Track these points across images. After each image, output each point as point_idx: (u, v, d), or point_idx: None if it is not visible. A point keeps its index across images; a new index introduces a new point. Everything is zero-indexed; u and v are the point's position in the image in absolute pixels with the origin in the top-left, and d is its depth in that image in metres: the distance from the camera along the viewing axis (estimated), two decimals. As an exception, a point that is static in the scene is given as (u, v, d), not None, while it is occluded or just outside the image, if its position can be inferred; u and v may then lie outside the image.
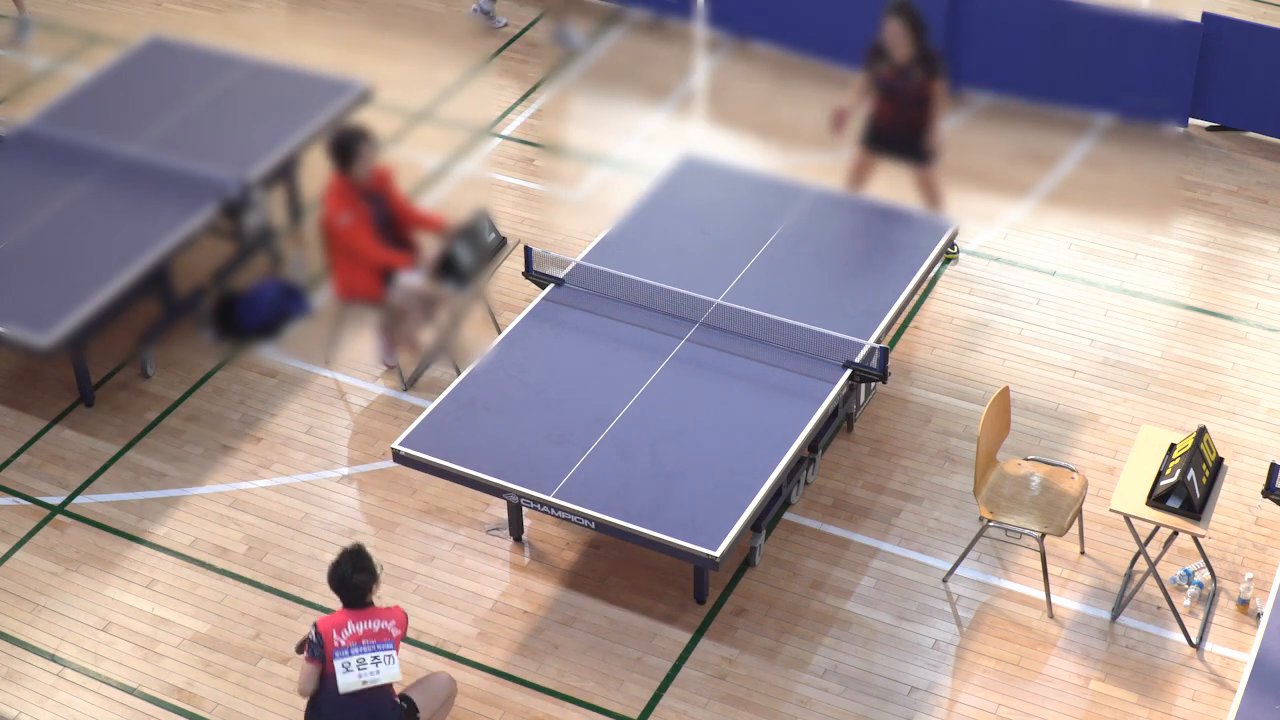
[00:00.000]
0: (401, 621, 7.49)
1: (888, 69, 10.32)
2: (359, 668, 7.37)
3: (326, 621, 7.40)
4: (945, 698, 8.26)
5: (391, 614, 7.48)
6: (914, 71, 10.24)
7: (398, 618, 7.49)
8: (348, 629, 7.37)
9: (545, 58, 13.09)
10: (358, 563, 7.39)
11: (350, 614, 7.42)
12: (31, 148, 10.77)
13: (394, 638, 7.42)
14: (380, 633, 7.39)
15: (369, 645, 7.39)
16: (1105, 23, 11.98)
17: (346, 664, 7.36)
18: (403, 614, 7.52)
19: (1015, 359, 10.22)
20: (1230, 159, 11.91)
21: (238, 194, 10.26)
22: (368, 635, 7.38)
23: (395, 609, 7.52)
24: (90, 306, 9.48)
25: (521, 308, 9.89)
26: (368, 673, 7.38)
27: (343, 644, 7.36)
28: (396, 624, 7.46)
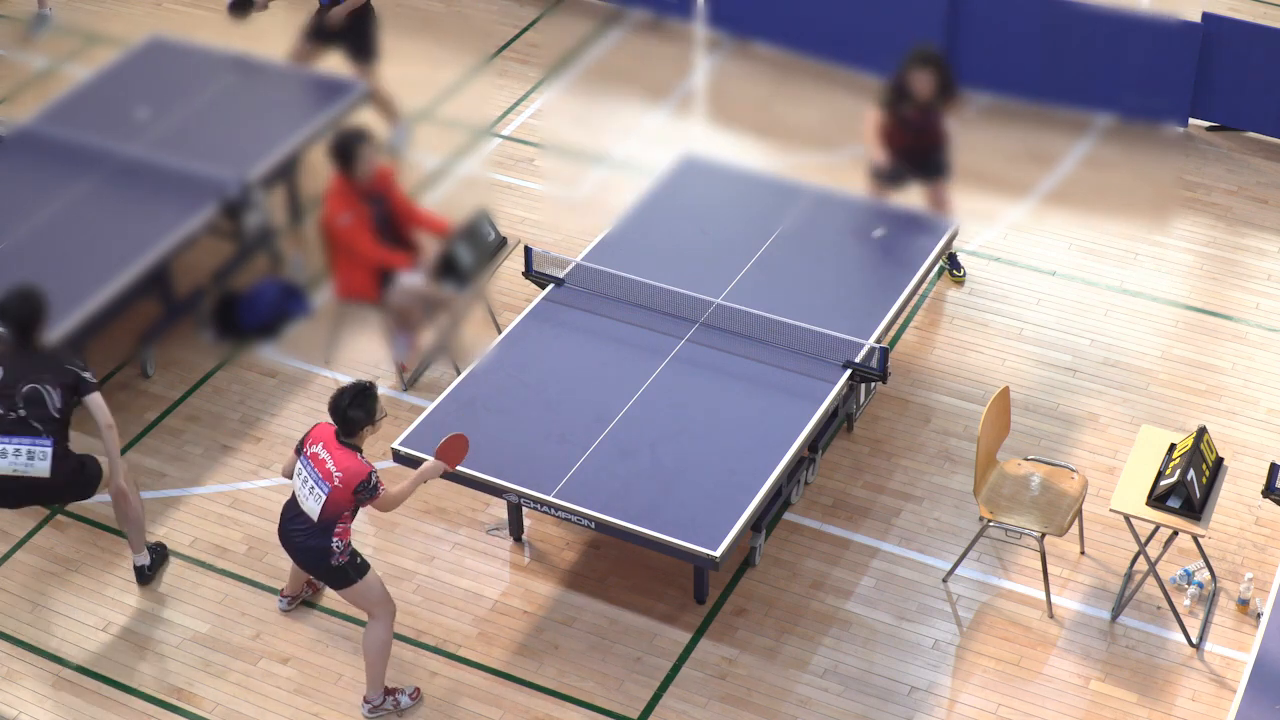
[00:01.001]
0: (351, 478, 7.59)
1: (911, 109, 10.16)
2: (301, 482, 7.73)
3: (318, 429, 7.76)
4: (945, 698, 8.26)
5: (353, 467, 7.60)
6: (936, 106, 10.14)
7: (349, 475, 7.58)
8: (317, 446, 7.70)
9: (545, 58, 13.09)
10: (357, 399, 7.66)
11: (331, 439, 7.70)
12: (31, 148, 10.77)
13: (333, 486, 7.59)
14: (326, 472, 7.63)
15: (315, 472, 7.66)
16: (1105, 23, 11.98)
17: (299, 471, 7.75)
18: (361, 473, 7.58)
19: (1015, 359, 10.22)
20: (1230, 159, 11.91)
21: (238, 194, 10.26)
22: (320, 465, 7.65)
23: (360, 466, 7.61)
24: (90, 306, 9.48)
25: (521, 308, 9.90)
26: (302, 492, 7.73)
27: (306, 454, 7.70)
28: (344, 479, 7.59)
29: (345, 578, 7.85)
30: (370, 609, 7.97)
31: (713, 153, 11.26)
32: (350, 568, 7.84)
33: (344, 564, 7.81)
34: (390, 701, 8.15)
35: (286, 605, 8.68)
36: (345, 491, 7.63)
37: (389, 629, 7.99)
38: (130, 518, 8.63)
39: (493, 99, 12.61)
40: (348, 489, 7.63)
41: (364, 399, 7.68)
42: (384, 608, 7.97)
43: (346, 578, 7.85)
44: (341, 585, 7.88)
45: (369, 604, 7.96)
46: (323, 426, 7.79)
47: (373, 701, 8.12)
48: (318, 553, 7.78)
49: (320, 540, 7.75)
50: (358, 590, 7.89)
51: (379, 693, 8.11)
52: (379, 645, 7.99)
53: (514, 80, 12.84)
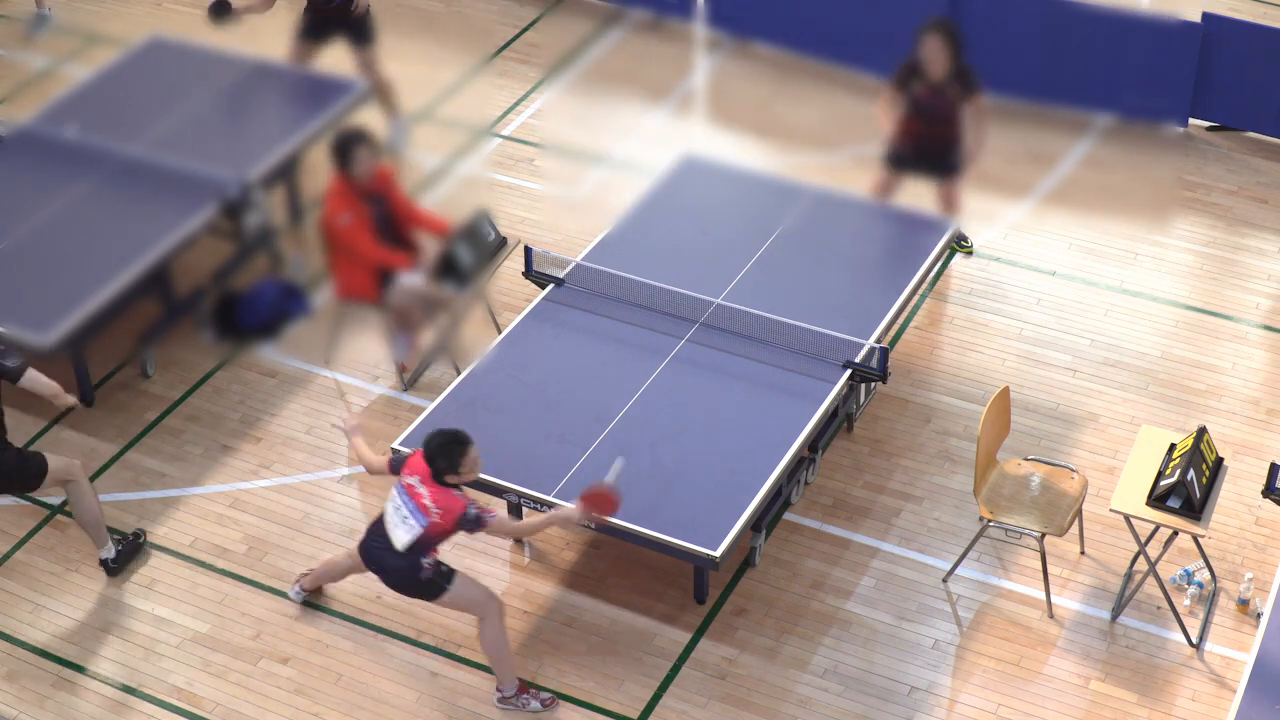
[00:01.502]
0: (449, 514, 7.61)
1: (922, 87, 10.15)
2: (394, 510, 7.76)
3: (417, 459, 7.74)
4: (945, 698, 8.26)
5: (450, 504, 7.62)
6: (949, 88, 10.10)
7: (448, 509, 7.61)
8: (413, 479, 7.71)
9: (545, 58, 13.09)
10: (445, 449, 7.62)
11: (427, 474, 7.70)
12: (31, 148, 10.77)
13: (430, 521, 7.61)
14: (424, 507, 7.64)
15: (410, 504, 7.68)
16: (1105, 23, 11.98)
17: (393, 497, 7.80)
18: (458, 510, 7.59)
19: (1015, 359, 10.22)
20: (1230, 159, 11.91)
21: (238, 194, 10.26)
22: (415, 496, 7.67)
23: (458, 503, 7.61)
24: (90, 306, 9.48)
25: (521, 308, 9.90)
26: (393, 520, 7.76)
27: (402, 484, 7.75)
28: (442, 514, 7.62)
29: (437, 589, 7.84)
30: (471, 610, 7.96)
31: (713, 153, 11.26)
32: (439, 577, 7.83)
33: (432, 576, 7.81)
34: (523, 700, 8.13)
35: (299, 595, 8.66)
36: (445, 525, 7.65)
37: (499, 624, 7.97)
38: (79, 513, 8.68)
39: (493, 99, 12.61)
40: (447, 523, 7.65)
41: (451, 449, 7.61)
42: (486, 605, 7.95)
43: (438, 588, 7.84)
44: (435, 596, 7.87)
45: (468, 607, 7.95)
46: (418, 458, 7.75)
47: (504, 692, 8.11)
48: (405, 570, 7.79)
49: (407, 559, 7.77)
50: (451, 598, 7.88)
51: (511, 685, 8.09)
52: (494, 642, 7.97)
53: (514, 80, 12.84)
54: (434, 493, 7.66)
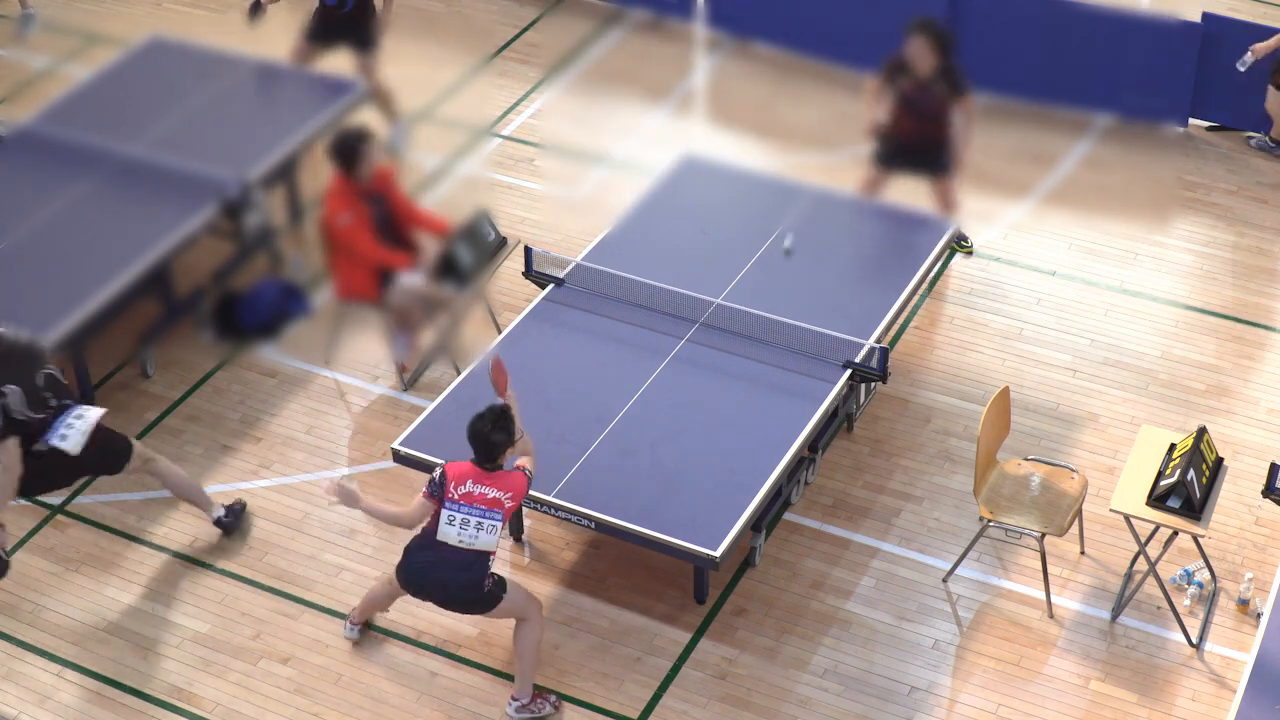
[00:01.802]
0: (520, 492, 7.63)
1: (909, 84, 10.19)
2: (462, 526, 7.61)
3: (455, 468, 7.64)
4: (945, 698, 8.26)
5: (514, 483, 7.62)
6: (936, 87, 10.13)
7: (517, 488, 7.62)
8: (467, 485, 7.60)
9: (545, 58, 13.09)
10: (499, 422, 7.60)
11: (476, 471, 7.63)
12: (31, 148, 10.77)
13: (505, 509, 7.59)
14: (493, 501, 7.59)
15: (479, 510, 7.60)
16: (1105, 23, 11.99)
17: (451, 517, 7.62)
18: (523, 484, 7.63)
19: (1015, 359, 10.22)
20: (1230, 159, 11.91)
21: (238, 194, 10.26)
22: (481, 500, 7.60)
23: (518, 477, 7.63)
24: (90, 306, 9.48)
25: (521, 308, 9.90)
26: (467, 534, 7.62)
27: (457, 498, 7.58)
28: (514, 495, 7.61)
29: (494, 599, 7.82)
30: (520, 614, 7.94)
31: (713, 153, 11.26)
32: (496, 588, 7.82)
33: (491, 587, 7.79)
34: (538, 705, 8.11)
35: (357, 634, 8.50)
36: (516, 504, 7.67)
37: (541, 624, 7.98)
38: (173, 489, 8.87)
39: (493, 99, 12.61)
40: (519, 500, 7.67)
41: (504, 421, 7.63)
42: (532, 607, 7.96)
43: (496, 598, 7.82)
44: (492, 606, 7.84)
45: (519, 610, 7.93)
46: (457, 466, 7.70)
47: (520, 700, 8.07)
48: (471, 586, 7.73)
49: (474, 571, 7.71)
50: (506, 605, 7.86)
51: (528, 691, 8.07)
52: (534, 644, 7.96)
53: (514, 80, 12.84)
54: (497, 483, 7.63)
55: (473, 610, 7.87)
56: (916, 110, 10.24)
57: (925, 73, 10.10)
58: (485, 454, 7.65)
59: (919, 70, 10.12)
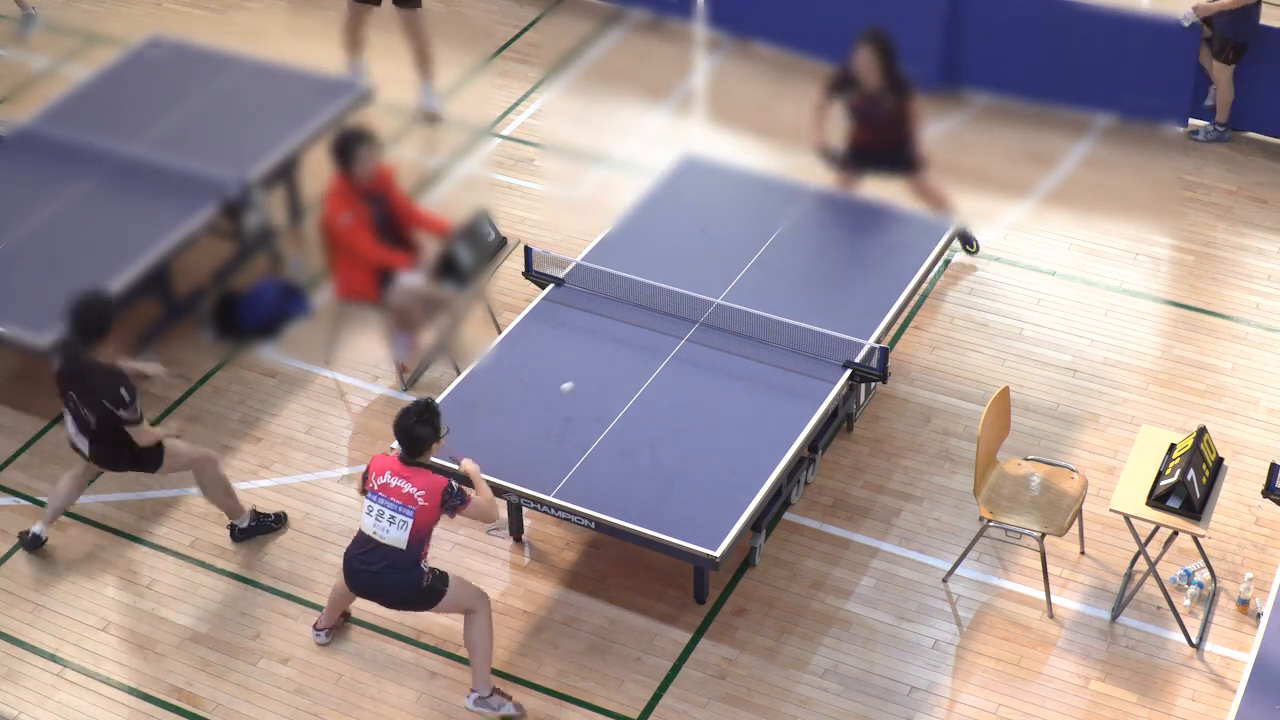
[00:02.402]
0: (433, 495, 7.58)
1: (858, 97, 10.27)
2: (376, 517, 7.64)
3: (379, 460, 7.69)
4: (945, 698, 8.26)
5: (430, 484, 7.59)
6: (884, 98, 10.19)
7: (431, 489, 7.58)
8: (385, 476, 7.62)
9: (545, 58, 13.09)
10: (423, 416, 7.62)
11: (397, 465, 7.64)
12: (31, 148, 10.78)
13: (418, 506, 7.56)
14: (407, 496, 7.57)
15: (393, 503, 7.60)
16: (1105, 23, 11.98)
17: (369, 508, 7.66)
18: (440, 487, 7.59)
19: (1015, 359, 10.22)
20: (1230, 159, 11.91)
21: (238, 194, 10.26)
22: (396, 493, 7.59)
23: (438, 480, 7.61)
24: (90, 306, 9.48)
25: (521, 308, 9.89)
26: (380, 527, 7.63)
27: (375, 488, 7.62)
28: (427, 496, 7.57)
29: (436, 594, 7.81)
30: (466, 608, 7.94)
31: (713, 153, 11.26)
32: (438, 582, 7.81)
33: (431, 583, 7.78)
34: (496, 701, 8.10)
35: (326, 639, 8.50)
36: (432, 508, 7.62)
37: (488, 620, 7.96)
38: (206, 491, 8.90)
39: (493, 99, 12.61)
40: (433, 504, 7.61)
41: (429, 416, 7.63)
42: (477, 600, 7.95)
43: (438, 594, 7.81)
44: (435, 602, 7.83)
45: (463, 605, 7.92)
46: (380, 458, 7.73)
47: (480, 692, 8.07)
48: (408, 584, 7.73)
49: (409, 572, 7.70)
50: (449, 600, 7.85)
51: (485, 685, 8.07)
52: (483, 638, 7.95)
53: (514, 80, 12.84)
54: (413, 478, 7.62)
55: (417, 607, 7.86)
56: (870, 122, 10.33)
57: (873, 84, 10.17)
58: (408, 448, 7.66)
59: (867, 83, 10.18)
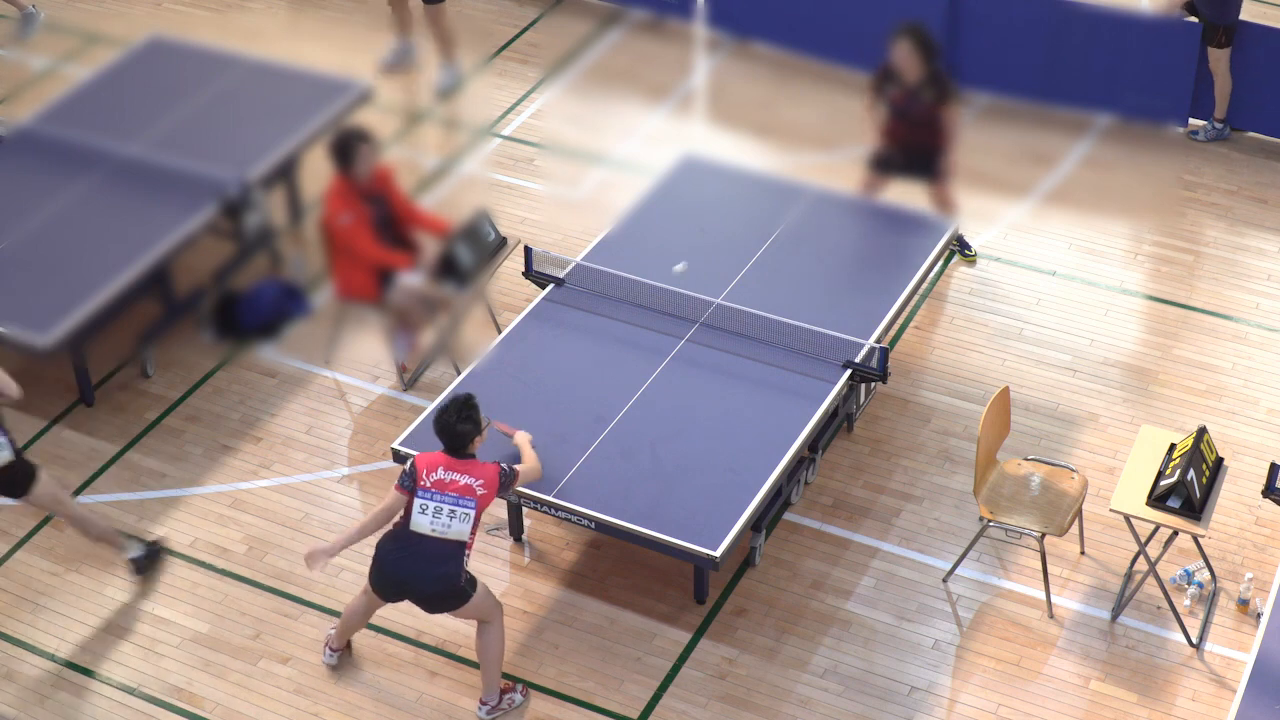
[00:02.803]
0: (491, 482, 7.63)
1: (897, 91, 10.20)
2: (434, 514, 7.60)
3: (424, 458, 7.66)
4: (945, 698, 8.26)
5: (485, 472, 7.62)
6: (924, 93, 10.13)
7: (488, 477, 7.62)
8: (438, 472, 7.61)
9: (545, 58, 13.09)
10: (464, 412, 7.63)
11: (448, 460, 7.64)
12: (31, 148, 10.77)
13: (477, 496, 7.58)
14: (464, 488, 7.58)
15: (451, 497, 7.59)
16: (1105, 23, 11.98)
17: (424, 506, 7.61)
18: (495, 474, 7.64)
19: (1015, 359, 10.22)
20: (1230, 159, 11.91)
21: (238, 194, 10.26)
22: (453, 487, 7.59)
23: (490, 468, 7.63)
24: (90, 306, 9.48)
25: (521, 308, 9.90)
26: (440, 522, 7.60)
27: (429, 485, 7.59)
28: (485, 484, 7.61)
29: (464, 596, 7.78)
30: (484, 616, 7.92)
31: (713, 153, 11.26)
32: (468, 585, 7.79)
33: (464, 583, 7.76)
34: (506, 700, 8.13)
35: (335, 660, 8.42)
36: (490, 495, 7.66)
37: (502, 630, 7.97)
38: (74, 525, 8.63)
39: (493, 99, 12.61)
40: (492, 491, 7.65)
41: (470, 411, 7.64)
42: (496, 612, 7.94)
43: (465, 596, 7.78)
44: (463, 604, 7.80)
45: (485, 612, 7.90)
46: (427, 456, 7.70)
47: (490, 703, 8.08)
48: (446, 580, 7.68)
49: (451, 565, 7.66)
50: (474, 604, 7.82)
51: (496, 694, 8.08)
52: (498, 647, 7.95)
53: (514, 80, 12.84)
54: (469, 470, 7.63)
55: (447, 606, 7.81)
56: (907, 117, 10.26)
57: (913, 79, 10.12)
58: (453, 444, 7.66)
59: (906, 77, 10.13)
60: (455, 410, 7.64)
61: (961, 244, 10.91)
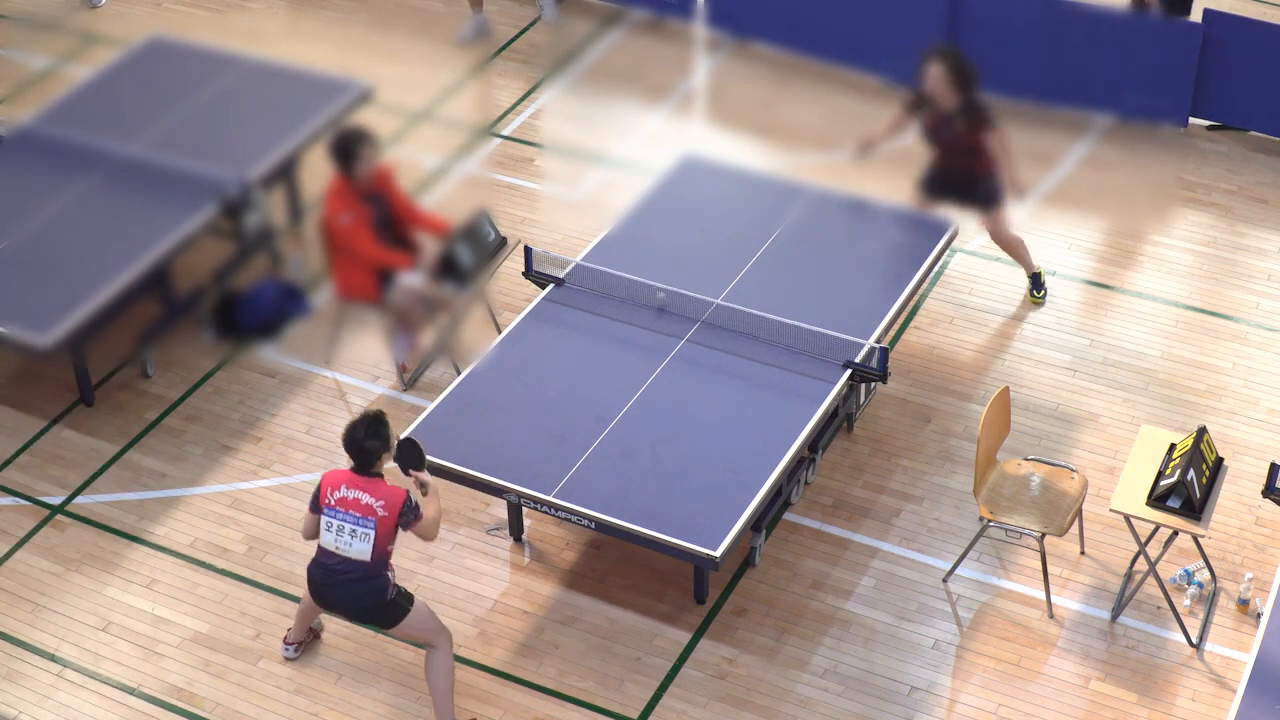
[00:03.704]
0: (394, 505, 7.53)
1: (929, 116, 9.96)
2: (338, 533, 7.57)
3: (331, 475, 7.62)
4: (945, 698, 8.26)
5: (390, 494, 7.54)
6: (956, 121, 9.86)
7: (391, 500, 7.53)
8: (341, 490, 7.56)
9: (545, 58, 13.09)
10: (373, 429, 7.55)
11: (352, 477, 7.59)
12: (31, 148, 10.78)
13: (378, 517, 7.50)
14: (365, 507, 7.51)
15: (351, 516, 7.53)
16: (1105, 23, 11.98)
17: (329, 524, 7.60)
18: (400, 499, 7.54)
19: (1015, 359, 10.22)
20: (1230, 159, 11.91)
21: (238, 194, 10.26)
22: (354, 505, 7.53)
23: (397, 491, 7.56)
24: (90, 306, 9.48)
25: (521, 308, 9.90)
26: (342, 540, 7.57)
27: (332, 503, 7.56)
28: (386, 505, 7.52)
29: (400, 610, 7.75)
30: (428, 637, 7.88)
31: (713, 153, 11.26)
32: (401, 599, 7.76)
33: (395, 597, 7.74)
34: None
35: (295, 653, 8.46)
36: (391, 519, 7.56)
37: (449, 655, 7.90)
38: None
39: (493, 99, 12.61)
40: (392, 514, 7.56)
41: (378, 428, 7.57)
42: (442, 634, 7.90)
43: (400, 610, 7.75)
44: (397, 621, 7.77)
45: (426, 632, 7.86)
46: (333, 473, 7.67)
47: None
48: (373, 595, 7.66)
49: (374, 581, 7.65)
50: (412, 621, 7.79)
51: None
52: (445, 673, 7.89)
53: (514, 80, 12.84)
54: (371, 489, 7.55)
55: (381, 620, 7.76)
56: (940, 143, 10.04)
57: (947, 105, 9.85)
58: (359, 460, 7.58)
59: (940, 102, 9.87)
60: (364, 426, 7.54)
61: (1035, 282, 10.56)
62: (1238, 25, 11.75)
